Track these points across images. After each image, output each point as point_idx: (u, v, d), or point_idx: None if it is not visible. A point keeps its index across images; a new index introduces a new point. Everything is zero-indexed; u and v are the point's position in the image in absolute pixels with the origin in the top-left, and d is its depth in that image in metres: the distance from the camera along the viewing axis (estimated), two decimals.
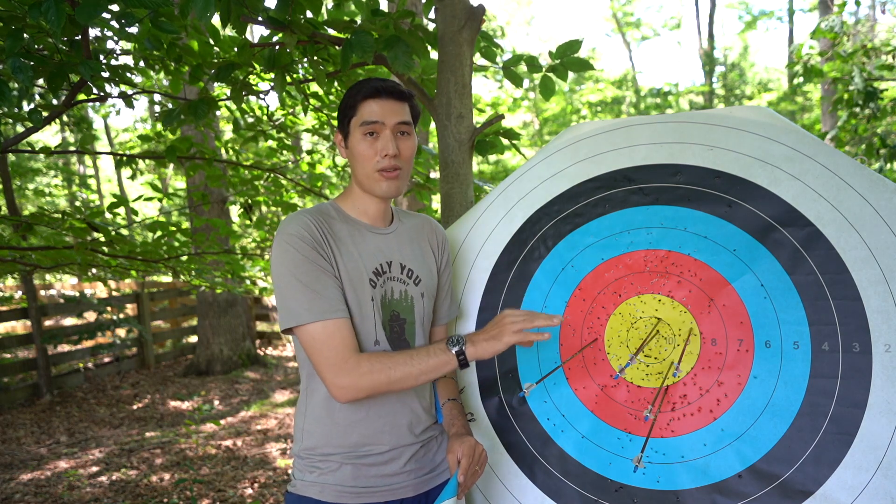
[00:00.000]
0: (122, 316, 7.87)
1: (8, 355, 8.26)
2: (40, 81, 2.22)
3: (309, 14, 2.27)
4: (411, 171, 1.51)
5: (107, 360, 7.94)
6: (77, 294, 8.06)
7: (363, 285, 1.40)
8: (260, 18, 2.14)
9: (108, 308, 7.69)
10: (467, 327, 1.70)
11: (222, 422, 5.67)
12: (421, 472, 1.46)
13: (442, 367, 1.33)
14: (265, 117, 3.64)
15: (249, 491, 3.98)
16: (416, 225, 1.57)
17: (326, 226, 1.40)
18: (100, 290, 9.66)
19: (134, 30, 2.32)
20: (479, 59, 2.46)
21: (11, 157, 7.80)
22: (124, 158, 3.60)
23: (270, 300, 8.94)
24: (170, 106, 2.70)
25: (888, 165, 5.02)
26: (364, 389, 1.32)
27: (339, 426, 1.41)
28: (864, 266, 1.35)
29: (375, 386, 1.32)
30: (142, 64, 2.72)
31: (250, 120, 3.65)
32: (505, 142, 2.49)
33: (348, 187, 1.51)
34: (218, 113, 4.18)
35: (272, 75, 2.41)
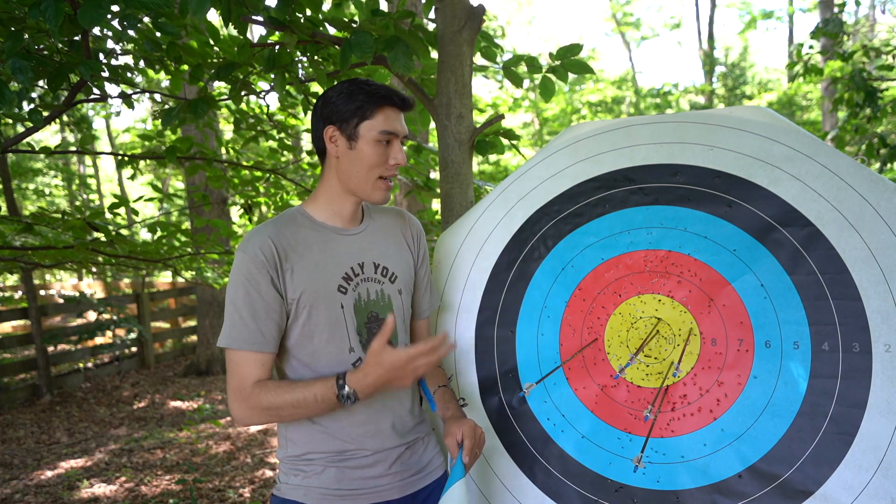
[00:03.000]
0: (122, 316, 7.87)
1: (8, 355, 8.27)
2: (41, 82, 2.22)
3: (309, 13, 2.27)
4: None
5: (107, 360, 7.94)
6: (77, 294, 8.06)
7: (331, 295, 1.39)
8: (260, 18, 2.14)
9: (108, 308, 7.69)
10: (467, 327, 1.70)
11: (222, 422, 5.67)
12: (406, 473, 1.46)
13: (325, 405, 1.32)
14: (265, 116, 3.64)
15: (249, 491, 3.98)
16: (389, 219, 1.55)
17: (290, 237, 1.38)
18: (99, 291, 9.66)
19: (133, 32, 2.33)
20: (479, 59, 2.46)
21: (11, 157, 7.80)
22: (125, 159, 3.60)
23: None
24: (170, 104, 2.70)
25: (888, 165, 5.01)
26: (257, 421, 1.35)
27: (322, 433, 1.40)
28: (864, 266, 1.35)
29: (266, 420, 1.35)
30: (142, 64, 2.72)
31: (251, 120, 3.65)
32: (505, 142, 2.49)
33: (319, 189, 1.47)
34: (218, 113, 4.18)
35: (272, 75, 2.41)
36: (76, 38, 2.14)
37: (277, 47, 2.31)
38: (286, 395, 1.30)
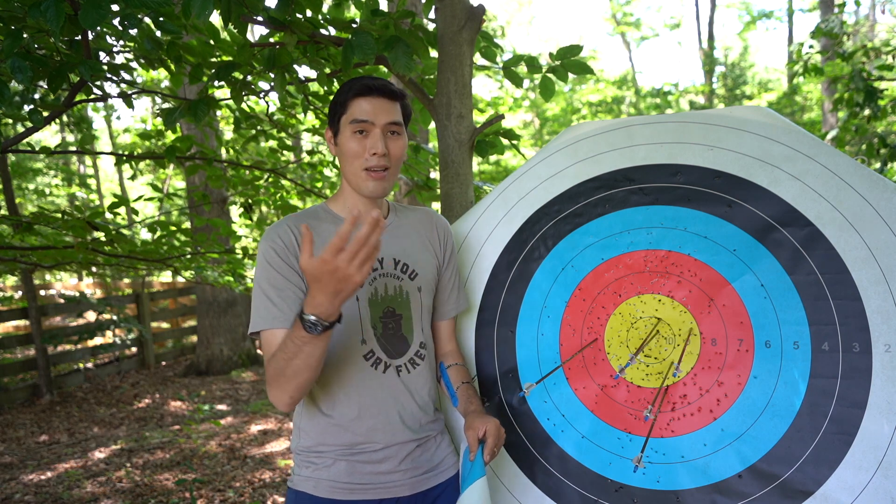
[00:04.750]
0: (122, 316, 7.86)
1: (8, 355, 8.26)
2: (41, 82, 2.22)
3: (309, 13, 2.27)
4: (399, 171, 1.51)
5: (107, 360, 7.94)
6: (77, 294, 8.05)
7: None
8: (260, 18, 2.14)
9: (108, 308, 7.69)
10: (467, 327, 1.70)
11: (222, 422, 5.67)
12: (418, 471, 1.46)
13: (302, 342, 1.20)
14: (265, 116, 3.64)
15: (249, 491, 3.98)
16: (416, 219, 1.57)
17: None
18: (99, 292, 9.66)
19: (134, 31, 2.33)
20: (479, 59, 2.46)
21: (11, 157, 7.80)
22: (125, 158, 3.60)
23: None
24: (170, 104, 2.70)
25: (888, 165, 5.01)
26: (285, 395, 1.29)
27: (333, 426, 1.41)
28: (864, 266, 1.35)
29: (287, 388, 1.28)
30: (142, 61, 2.73)
31: (251, 120, 3.65)
32: (505, 142, 2.49)
33: (340, 187, 1.52)
34: (218, 113, 4.18)
35: (272, 75, 2.41)
36: (76, 38, 2.14)
37: (277, 47, 2.31)
38: (279, 354, 1.26)
